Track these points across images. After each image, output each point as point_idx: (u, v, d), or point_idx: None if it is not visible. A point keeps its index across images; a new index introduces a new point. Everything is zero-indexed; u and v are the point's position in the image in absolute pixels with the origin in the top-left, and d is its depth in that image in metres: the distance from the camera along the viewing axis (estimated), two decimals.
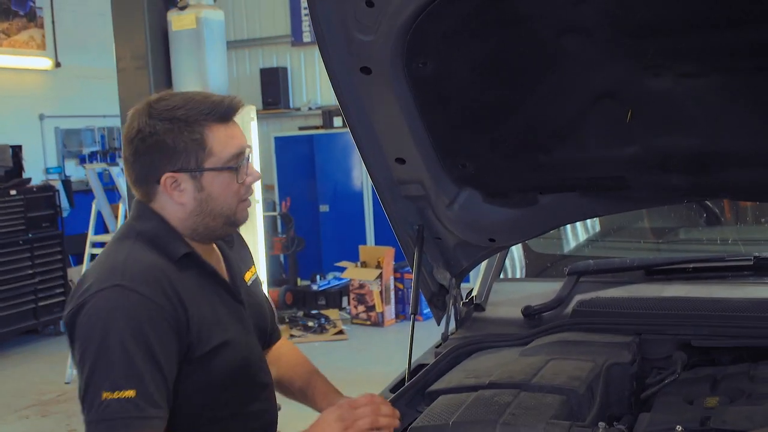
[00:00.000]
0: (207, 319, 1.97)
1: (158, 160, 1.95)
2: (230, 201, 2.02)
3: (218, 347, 1.98)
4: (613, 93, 2.12)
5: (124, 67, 5.22)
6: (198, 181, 1.98)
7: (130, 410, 1.77)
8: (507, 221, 2.54)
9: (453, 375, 2.37)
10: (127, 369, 1.79)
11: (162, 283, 1.88)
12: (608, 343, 2.36)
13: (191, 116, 1.95)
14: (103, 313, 1.82)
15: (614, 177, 2.33)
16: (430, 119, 2.27)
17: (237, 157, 2.00)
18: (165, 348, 1.85)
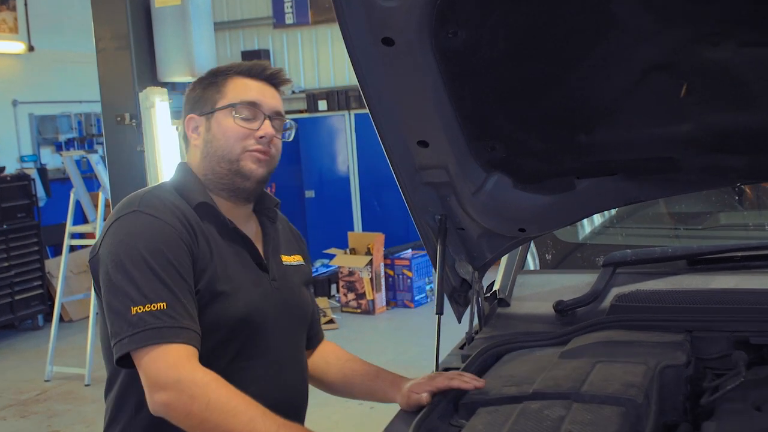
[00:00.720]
0: (214, 263, 1.96)
1: (189, 107, 2.11)
2: (232, 144, 2.03)
3: (217, 294, 1.95)
4: (667, 65, 1.88)
5: (103, 48, 4.92)
6: (209, 122, 2.05)
7: (164, 321, 1.78)
8: (539, 209, 2.31)
9: (489, 382, 2.12)
10: (153, 283, 1.81)
11: (176, 213, 1.93)
12: (659, 342, 2.13)
13: (223, 69, 2.11)
14: (122, 236, 1.87)
15: (663, 158, 2.09)
16: (458, 96, 2.02)
17: (246, 104, 2.04)
18: (183, 264, 1.88)
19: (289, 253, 2.23)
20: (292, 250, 2.27)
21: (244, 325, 1.99)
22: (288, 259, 2.22)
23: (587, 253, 2.86)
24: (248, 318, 1.99)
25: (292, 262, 2.23)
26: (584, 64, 1.90)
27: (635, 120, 2.03)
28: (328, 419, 5.58)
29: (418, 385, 2.08)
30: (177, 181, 2.07)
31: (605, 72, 1.92)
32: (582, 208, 2.31)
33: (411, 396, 2.07)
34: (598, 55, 1.88)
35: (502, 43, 1.89)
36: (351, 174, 11.02)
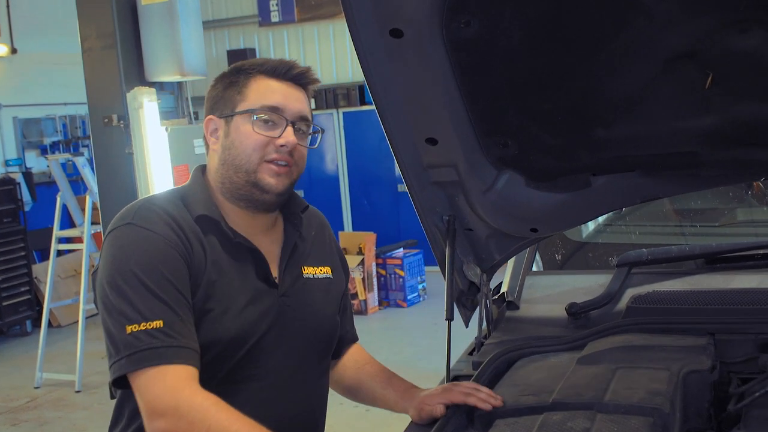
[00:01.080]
0: (206, 279, 1.84)
1: (209, 107, 1.97)
2: (250, 153, 1.88)
3: (205, 312, 1.83)
4: (691, 54, 1.77)
5: (89, 47, 4.78)
6: (228, 126, 1.92)
7: (161, 340, 1.69)
8: (552, 208, 2.20)
9: (503, 391, 2.02)
10: (149, 300, 1.72)
11: (171, 224, 1.83)
12: (682, 347, 2.03)
13: (245, 67, 1.95)
14: (115, 251, 1.79)
15: (685, 153, 1.99)
16: (469, 90, 1.92)
17: (268, 110, 1.89)
18: (180, 278, 1.78)
19: (316, 264, 2.08)
20: (321, 260, 2.10)
21: (234, 346, 1.86)
22: (312, 271, 2.06)
23: (597, 253, 2.76)
24: (238, 339, 1.86)
25: (318, 274, 2.07)
26: (604, 53, 1.80)
27: (656, 113, 1.92)
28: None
29: (432, 397, 1.98)
30: (185, 189, 1.96)
31: (626, 62, 1.81)
32: (597, 206, 2.21)
33: (424, 408, 1.97)
34: (620, 44, 1.77)
35: (517, 32, 1.79)
36: (340, 173, 10.91)
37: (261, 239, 1.96)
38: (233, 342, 1.85)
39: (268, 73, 1.92)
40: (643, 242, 2.85)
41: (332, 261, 2.15)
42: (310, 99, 2.01)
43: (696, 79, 1.81)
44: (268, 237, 1.99)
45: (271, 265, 1.96)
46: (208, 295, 1.82)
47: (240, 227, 1.93)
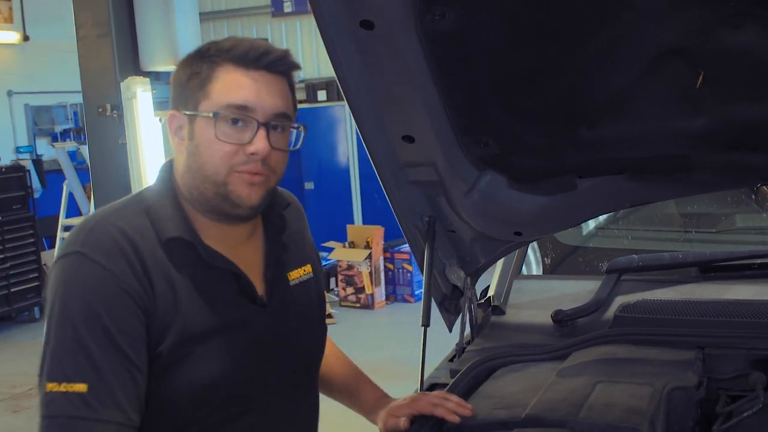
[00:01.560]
0: (181, 318, 1.57)
1: (173, 93, 1.66)
2: (217, 163, 1.57)
3: (184, 356, 1.57)
4: (681, 50, 1.66)
5: (84, 35, 4.69)
6: (192, 127, 1.60)
7: (78, 408, 1.44)
8: (537, 211, 2.10)
9: (476, 403, 1.92)
10: (77, 357, 1.47)
11: (128, 255, 1.53)
12: (667, 360, 1.93)
13: (212, 51, 1.60)
14: (58, 287, 1.52)
15: (675, 156, 1.89)
16: (447, 86, 1.82)
17: (237, 110, 1.57)
18: (126, 329, 1.50)
19: (298, 265, 1.82)
20: (302, 259, 1.85)
21: (221, 389, 1.62)
22: (297, 275, 1.81)
23: (589, 257, 2.65)
24: (227, 378, 1.62)
25: (302, 276, 1.82)
26: (588, 49, 1.69)
27: (644, 113, 1.81)
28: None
29: (398, 408, 1.87)
30: (151, 198, 1.65)
31: (612, 59, 1.71)
32: (584, 209, 2.11)
33: (389, 419, 1.86)
34: (605, 39, 1.66)
35: (496, 25, 1.68)
36: (351, 166, 10.82)
37: (242, 251, 1.70)
38: (220, 381, 1.61)
39: (236, 60, 1.57)
40: (637, 248, 2.74)
41: (311, 255, 1.90)
42: (293, 87, 1.68)
43: (686, 77, 1.70)
44: (248, 246, 1.72)
45: (255, 280, 1.70)
46: (182, 337, 1.56)
47: (216, 241, 1.65)
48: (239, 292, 1.66)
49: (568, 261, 2.82)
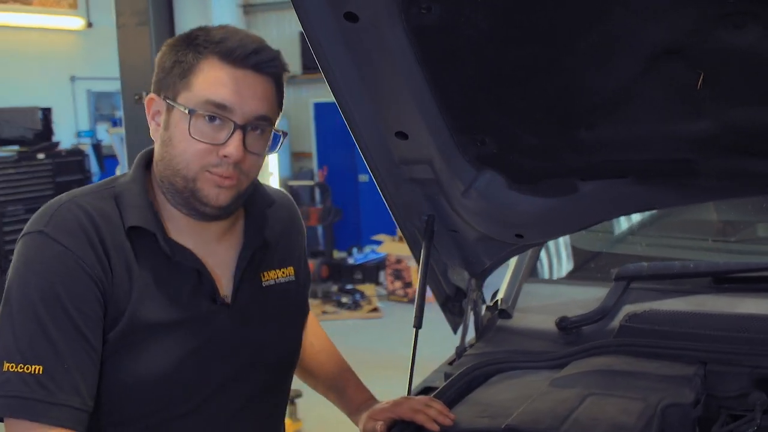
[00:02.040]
0: (133, 306, 1.54)
1: (156, 75, 1.61)
2: (188, 159, 1.54)
3: (130, 345, 1.55)
4: (679, 50, 1.56)
5: (124, 24, 4.72)
6: (169, 116, 1.57)
7: (33, 390, 1.42)
8: (538, 213, 2.02)
9: (462, 410, 1.86)
10: (36, 338, 1.45)
11: (91, 237, 1.52)
12: (665, 375, 1.84)
13: (200, 40, 1.55)
14: (19, 265, 1.50)
15: (677, 160, 1.79)
16: (437, 82, 1.75)
17: (215, 108, 1.53)
18: (85, 310, 1.49)
19: (279, 266, 1.78)
20: (285, 260, 1.80)
21: (165, 387, 1.58)
22: (274, 276, 1.76)
23: (606, 264, 2.54)
24: (171, 379, 1.58)
25: (280, 278, 1.77)
26: (581, 48, 1.61)
27: (643, 115, 1.72)
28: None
29: (379, 412, 1.82)
30: (122, 185, 1.62)
31: (606, 58, 1.62)
32: (588, 213, 2.02)
33: (368, 422, 1.82)
34: (597, 37, 1.58)
35: (484, 20, 1.61)
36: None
37: (214, 248, 1.67)
38: (165, 376, 1.57)
39: (222, 55, 1.53)
40: (662, 255, 2.62)
41: (296, 258, 1.85)
42: (281, 89, 1.63)
43: (685, 78, 1.61)
44: (223, 244, 1.69)
45: (223, 279, 1.66)
46: (132, 326, 1.53)
47: (185, 235, 1.63)
48: (199, 289, 1.62)
49: (583, 267, 2.73)
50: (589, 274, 2.71)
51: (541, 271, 2.80)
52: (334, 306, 8.56)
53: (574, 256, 2.70)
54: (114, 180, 1.65)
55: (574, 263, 2.73)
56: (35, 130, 9.17)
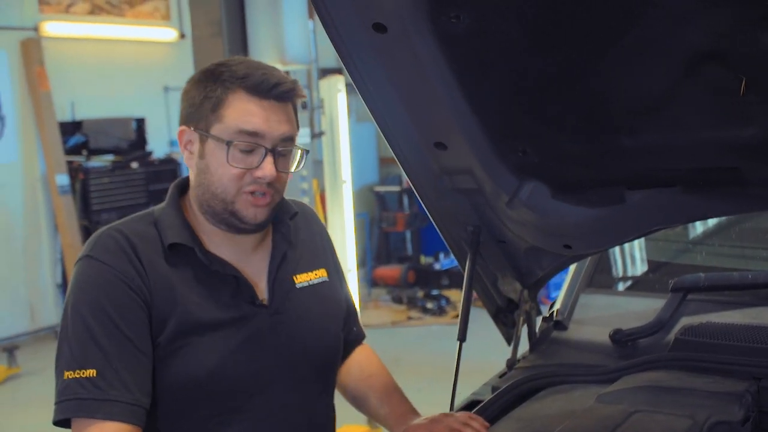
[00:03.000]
0: (179, 312, 1.71)
1: (184, 110, 1.77)
2: (226, 184, 1.71)
3: (179, 348, 1.70)
4: (717, 54, 1.50)
5: (199, 35, 4.82)
6: (203, 146, 1.73)
7: (89, 391, 1.61)
8: (585, 223, 1.96)
9: (504, 425, 1.83)
10: (88, 346, 1.64)
11: (130, 255, 1.71)
12: (715, 392, 1.76)
13: (226, 75, 1.71)
14: (72, 287, 1.71)
15: (725, 168, 1.71)
16: (471, 90, 1.72)
17: (248, 136, 1.69)
18: (129, 318, 1.67)
19: (309, 269, 1.91)
20: (314, 263, 1.94)
21: (217, 381, 1.71)
22: (306, 278, 1.89)
23: (670, 274, 2.45)
24: (221, 373, 1.71)
25: (313, 280, 1.90)
26: (614, 52, 1.56)
27: (686, 121, 1.66)
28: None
29: (416, 428, 1.81)
30: (159, 213, 1.80)
31: (641, 62, 1.56)
32: (637, 224, 1.95)
33: None
34: (630, 41, 1.52)
35: (514, 28, 1.58)
36: None
37: (249, 257, 1.82)
38: (214, 376, 1.70)
39: (249, 89, 1.69)
40: (731, 266, 2.51)
41: (327, 260, 1.98)
42: (297, 110, 1.80)
43: (727, 83, 1.54)
44: (257, 253, 1.84)
45: (259, 283, 1.81)
46: (178, 331, 1.69)
47: (224, 248, 1.78)
48: (238, 293, 1.76)
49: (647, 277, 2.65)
50: (649, 284, 2.62)
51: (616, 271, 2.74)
52: (419, 312, 8.53)
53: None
54: (152, 210, 1.83)
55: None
56: (129, 140, 9.42)
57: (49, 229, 8.24)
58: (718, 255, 2.65)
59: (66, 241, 8.03)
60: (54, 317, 8.13)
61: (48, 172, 8.09)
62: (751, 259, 2.61)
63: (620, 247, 2.72)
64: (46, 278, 8.23)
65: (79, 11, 9.23)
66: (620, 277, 2.77)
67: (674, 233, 2.75)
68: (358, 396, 2.06)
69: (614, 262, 2.74)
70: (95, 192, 8.44)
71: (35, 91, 8.02)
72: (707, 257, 2.67)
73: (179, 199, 1.81)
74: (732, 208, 1.90)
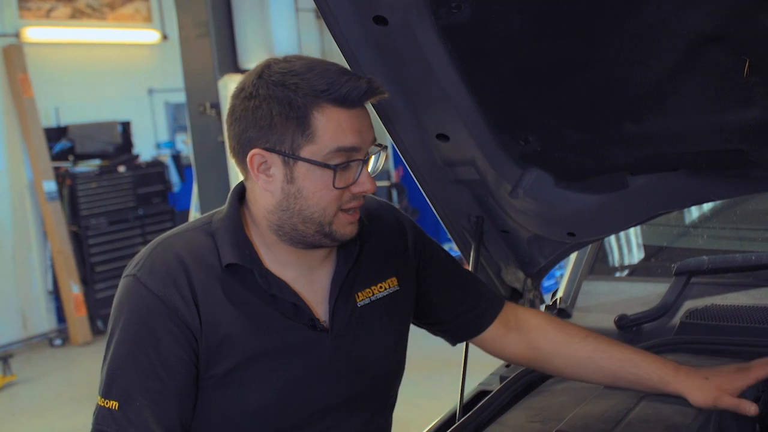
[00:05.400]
0: (230, 343, 1.58)
1: (252, 129, 1.54)
2: (325, 205, 1.55)
3: (232, 381, 1.59)
4: (721, 37, 1.50)
5: (186, 36, 4.78)
6: (290, 169, 1.54)
7: (109, 424, 1.54)
8: (589, 210, 1.97)
9: (514, 415, 1.83)
10: (118, 376, 1.55)
11: (176, 278, 1.57)
12: None
13: (303, 87, 1.50)
14: (114, 307, 1.61)
15: (729, 151, 1.72)
16: (473, 81, 1.73)
17: (346, 153, 1.53)
18: (165, 356, 1.55)
19: (376, 282, 1.74)
20: (383, 273, 1.75)
21: (274, 411, 1.62)
22: (370, 293, 1.72)
23: (671, 258, 2.45)
24: (276, 402, 1.61)
25: (377, 293, 1.73)
26: (618, 38, 1.56)
27: (690, 105, 1.66)
28: None
29: (731, 383, 1.67)
30: (218, 222, 1.65)
31: (646, 47, 1.56)
32: (640, 209, 1.95)
33: (722, 397, 1.65)
34: (634, 26, 1.53)
35: (515, 17, 1.58)
36: None
37: (315, 273, 1.68)
38: (271, 408, 1.61)
39: (338, 102, 1.50)
40: (731, 249, 2.52)
41: (400, 266, 1.78)
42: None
43: (731, 66, 1.54)
44: (323, 268, 1.69)
45: (321, 305, 1.67)
46: (233, 360, 1.58)
47: (287, 265, 1.64)
48: (297, 318, 1.63)
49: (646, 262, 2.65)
50: (651, 269, 2.62)
51: (612, 260, 2.74)
52: None
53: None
54: (211, 216, 1.69)
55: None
56: (115, 144, 9.37)
57: (38, 236, 8.19)
58: (718, 238, 2.65)
59: (56, 247, 7.99)
60: (46, 324, 8.10)
61: (35, 178, 8.04)
62: (749, 241, 2.61)
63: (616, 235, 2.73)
64: (37, 285, 8.18)
65: (59, 16, 9.18)
66: (619, 264, 2.78)
67: (671, 218, 2.75)
68: (586, 364, 1.80)
69: (611, 249, 2.75)
70: (83, 197, 8.39)
71: (19, 98, 7.97)
72: (707, 240, 2.67)
73: (238, 210, 1.66)
74: (735, 191, 1.90)
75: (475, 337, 1.87)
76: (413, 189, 10.52)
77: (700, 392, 1.68)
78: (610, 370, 1.77)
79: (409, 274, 1.80)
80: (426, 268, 1.83)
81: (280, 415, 1.62)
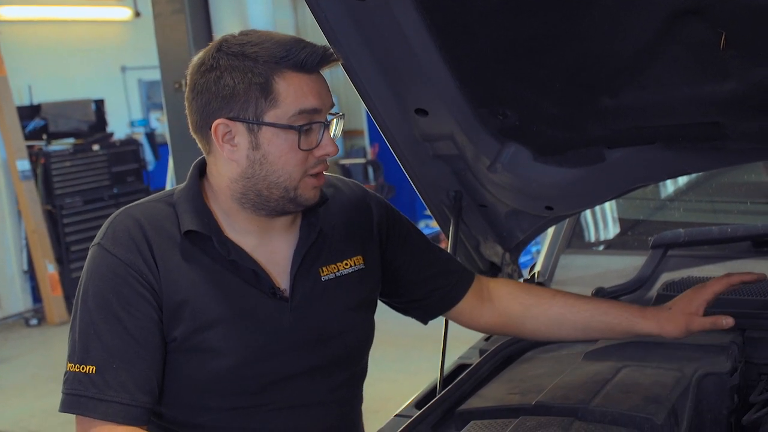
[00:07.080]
0: (193, 306, 1.61)
1: (214, 100, 1.58)
2: (290, 170, 1.59)
3: (196, 345, 1.62)
4: (698, 10, 1.51)
5: (160, 12, 4.72)
6: (254, 136, 1.58)
7: (86, 388, 1.56)
8: (566, 184, 1.98)
9: (494, 387, 1.85)
10: (91, 340, 1.58)
11: (138, 242, 1.61)
12: (702, 344, 1.80)
13: (263, 55, 1.55)
14: (83, 276, 1.65)
15: (705, 124, 1.73)
16: (452, 56, 1.73)
17: (308, 115, 1.57)
18: (136, 317, 1.59)
19: (341, 258, 1.75)
20: (348, 251, 1.77)
21: (235, 375, 1.64)
22: (335, 269, 1.74)
23: (648, 232, 2.48)
24: (240, 368, 1.64)
25: (342, 270, 1.74)
26: (593, 13, 1.56)
27: (667, 79, 1.67)
28: None
29: (691, 303, 1.73)
30: (179, 195, 1.67)
31: (622, 20, 1.57)
32: (617, 182, 1.97)
33: (693, 320, 1.71)
34: (610, 0, 1.54)
35: None
36: None
37: (276, 243, 1.70)
38: (232, 372, 1.63)
39: (297, 67, 1.55)
40: (706, 221, 2.55)
41: (366, 244, 1.80)
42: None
43: (707, 39, 1.55)
44: (284, 237, 1.71)
45: (281, 274, 1.69)
46: (194, 325, 1.61)
47: (246, 233, 1.67)
48: (257, 285, 1.65)
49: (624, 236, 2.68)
50: (628, 242, 2.65)
51: (588, 235, 2.76)
52: None
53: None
54: (173, 190, 1.72)
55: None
56: (89, 122, 9.29)
57: (12, 215, 8.13)
58: (694, 211, 2.68)
59: (30, 227, 7.94)
60: (21, 304, 8.05)
61: (8, 158, 7.97)
62: (724, 214, 2.65)
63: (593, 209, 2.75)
64: (12, 265, 8.13)
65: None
66: (596, 238, 2.80)
67: (647, 191, 2.78)
68: (557, 323, 1.84)
69: (587, 224, 2.77)
70: (57, 176, 8.33)
71: None
72: (683, 213, 2.70)
73: (198, 182, 1.68)
74: (712, 163, 1.92)
75: (449, 311, 1.90)
76: (389, 166, 10.52)
77: (670, 323, 1.73)
78: (581, 323, 1.83)
79: (373, 252, 1.81)
80: (395, 246, 1.85)
81: (241, 382, 1.65)
